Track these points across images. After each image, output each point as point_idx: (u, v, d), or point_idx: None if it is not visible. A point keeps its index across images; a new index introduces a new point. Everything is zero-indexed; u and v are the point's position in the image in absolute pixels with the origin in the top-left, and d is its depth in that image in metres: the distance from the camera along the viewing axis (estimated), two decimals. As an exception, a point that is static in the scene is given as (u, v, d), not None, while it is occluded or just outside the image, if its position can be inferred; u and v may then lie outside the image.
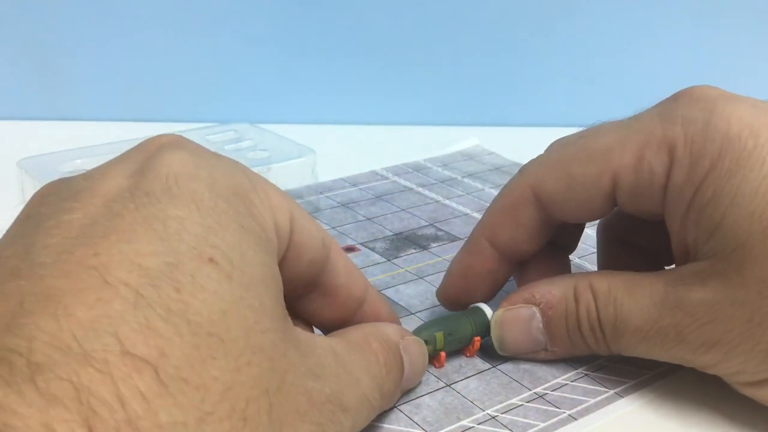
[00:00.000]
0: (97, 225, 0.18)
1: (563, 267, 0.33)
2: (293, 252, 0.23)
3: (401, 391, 0.27)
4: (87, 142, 0.47)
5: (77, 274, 0.17)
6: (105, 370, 0.16)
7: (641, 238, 0.32)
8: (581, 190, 0.28)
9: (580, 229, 0.34)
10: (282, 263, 0.23)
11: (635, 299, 0.27)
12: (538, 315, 0.29)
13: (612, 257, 0.33)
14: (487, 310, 0.30)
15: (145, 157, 0.21)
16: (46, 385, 0.15)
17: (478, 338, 0.30)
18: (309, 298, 0.26)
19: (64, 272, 0.17)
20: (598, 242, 0.34)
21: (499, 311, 0.30)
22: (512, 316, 0.30)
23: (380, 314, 0.28)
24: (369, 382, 0.24)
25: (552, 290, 0.29)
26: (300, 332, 0.21)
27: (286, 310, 0.21)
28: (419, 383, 0.29)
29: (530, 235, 0.30)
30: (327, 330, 0.27)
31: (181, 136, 0.23)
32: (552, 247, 0.32)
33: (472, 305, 0.31)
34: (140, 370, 0.16)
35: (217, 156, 0.22)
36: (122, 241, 0.18)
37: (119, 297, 0.17)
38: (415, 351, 0.27)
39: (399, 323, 0.29)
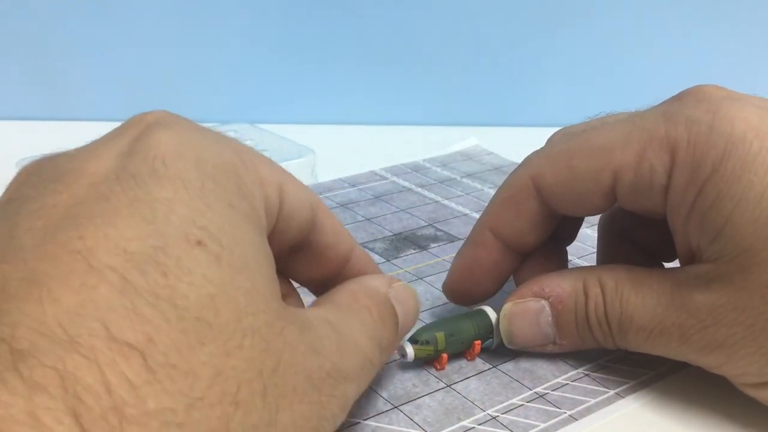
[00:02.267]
0: (82, 207, 0.18)
1: (561, 260, 0.33)
2: (283, 222, 0.23)
3: (399, 338, 0.27)
4: (87, 142, 0.47)
5: (61, 257, 0.17)
6: (91, 356, 0.15)
7: (641, 235, 0.32)
8: (581, 184, 0.28)
9: (579, 222, 0.34)
10: (272, 234, 0.22)
11: (641, 297, 0.27)
12: (548, 308, 0.29)
13: (612, 252, 0.33)
14: (490, 312, 0.30)
15: (132, 137, 0.20)
16: (30, 372, 0.15)
17: (478, 342, 0.30)
18: (296, 257, 0.26)
19: (49, 256, 0.17)
20: (598, 237, 0.34)
21: (508, 304, 0.30)
22: (521, 310, 0.30)
23: (366, 271, 0.27)
24: (367, 341, 0.23)
25: (561, 284, 0.29)
26: (295, 310, 0.21)
27: (279, 285, 0.21)
28: (418, 384, 0.29)
29: (533, 226, 0.30)
30: (313, 288, 0.27)
31: (168, 111, 0.22)
32: (550, 240, 0.32)
33: (475, 307, 0.31)
34: (127, 357, 0.16)
35: (204, 132, 0.22)
36: (107, 225, 0.17)
37: (105, 282, 0.16)
38: (406, 296, 0.27)
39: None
